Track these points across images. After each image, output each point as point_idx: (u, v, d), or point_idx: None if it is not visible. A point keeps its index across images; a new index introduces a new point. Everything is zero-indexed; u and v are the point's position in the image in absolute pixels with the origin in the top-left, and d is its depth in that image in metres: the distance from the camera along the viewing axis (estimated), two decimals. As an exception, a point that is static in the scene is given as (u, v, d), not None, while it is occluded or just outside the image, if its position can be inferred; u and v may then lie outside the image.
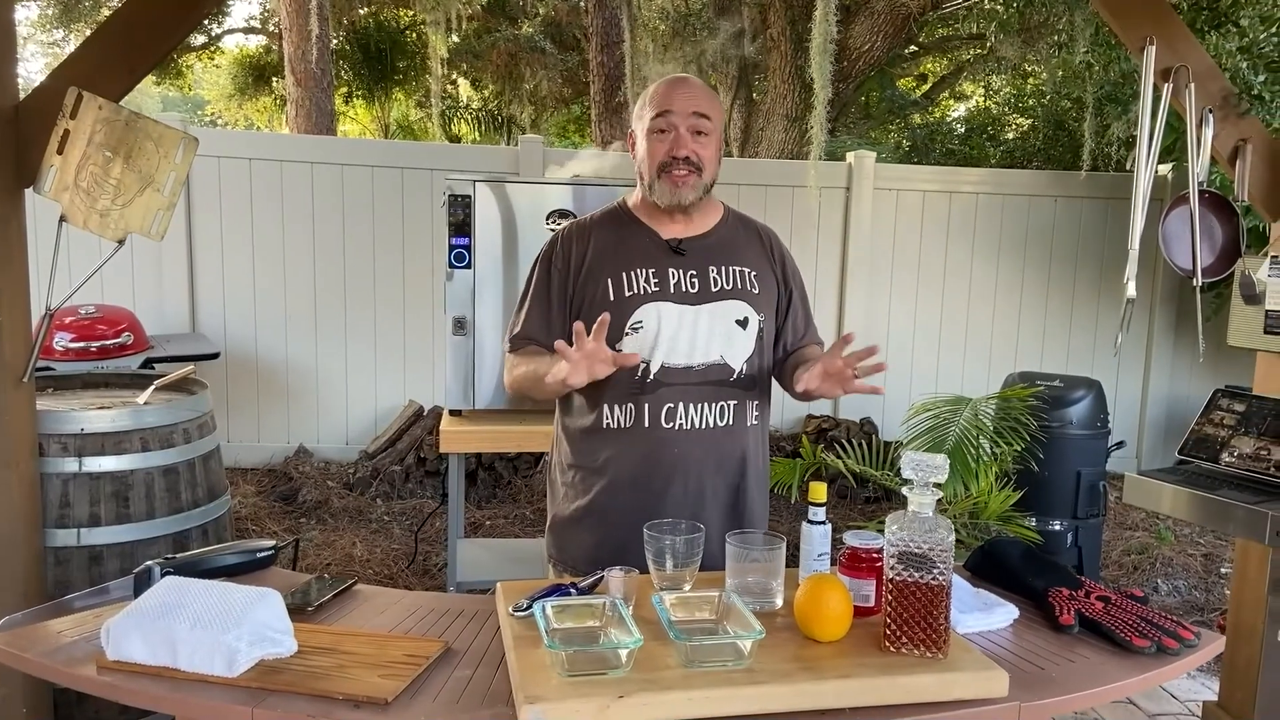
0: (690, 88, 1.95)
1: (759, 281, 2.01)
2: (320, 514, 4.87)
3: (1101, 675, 1.49)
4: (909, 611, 1.42)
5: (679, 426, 1.92)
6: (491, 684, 1.42)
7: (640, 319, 1.93)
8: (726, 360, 1.95)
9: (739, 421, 1.97)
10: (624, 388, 1.92)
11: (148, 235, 2.61)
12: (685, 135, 1.90)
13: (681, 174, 1.91)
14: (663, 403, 1.92)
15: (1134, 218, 2.89)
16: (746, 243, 2.06)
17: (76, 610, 1.66)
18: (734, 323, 1.96)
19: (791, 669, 1.39)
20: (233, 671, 1.38)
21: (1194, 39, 2.93)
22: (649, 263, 1.96)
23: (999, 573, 1.83)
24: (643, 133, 1.96)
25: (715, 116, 1.95)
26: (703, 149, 1.92)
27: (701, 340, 1.94)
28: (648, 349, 1.92)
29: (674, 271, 1.96)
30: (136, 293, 5.31)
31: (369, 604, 1.72)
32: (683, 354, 1.93)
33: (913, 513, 1.44)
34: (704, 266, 1.98)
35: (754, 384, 1.99)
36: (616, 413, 1.94)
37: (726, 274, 1.98)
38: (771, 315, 2.04)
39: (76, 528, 2.75)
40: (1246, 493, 2.50)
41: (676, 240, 1.98)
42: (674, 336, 1.92)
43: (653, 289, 1.94)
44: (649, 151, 1.94)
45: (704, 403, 1.93)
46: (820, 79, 4.82)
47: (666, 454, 1.92)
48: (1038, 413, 4.07)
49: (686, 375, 1.93)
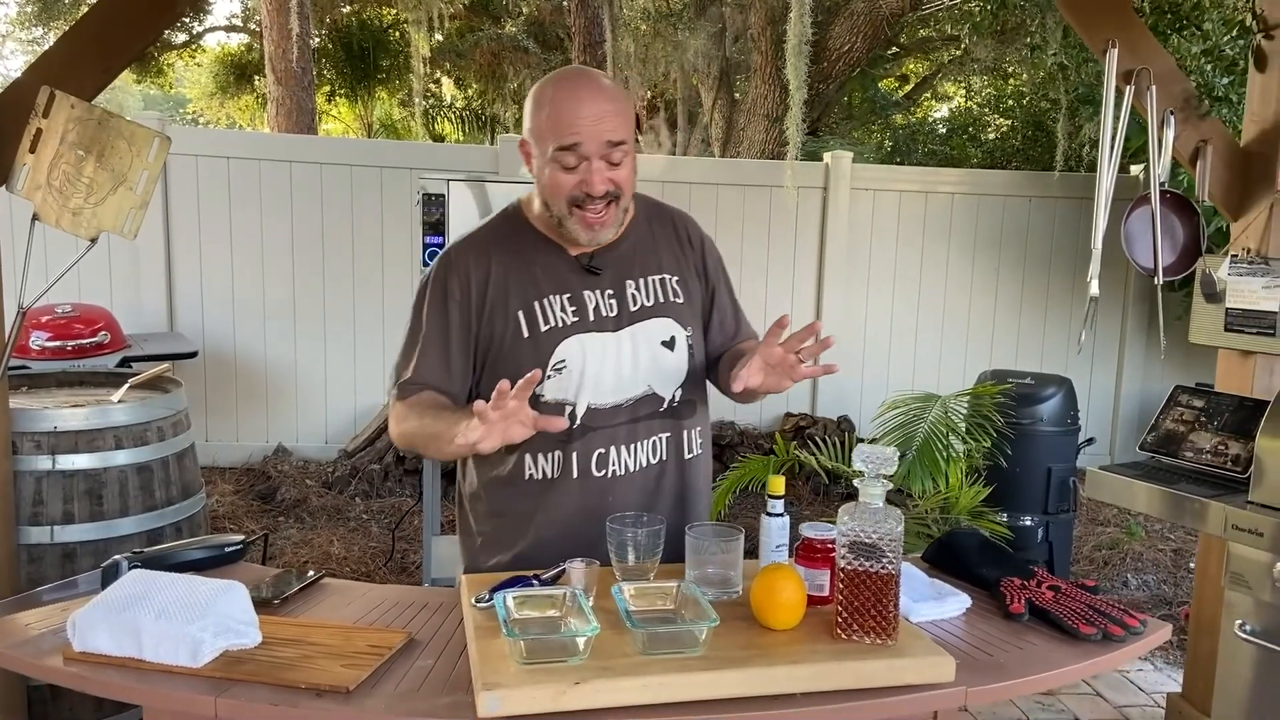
0: (597, 105, 1.63)
1: (681, 287, 1.82)
2: (298, 512, 4.88)
3: (1047, 661, 1.54)
4: (859, 600, 1.46)
5: (612, 474, 1.74)
6: (453, 673, 1.45)
7: (563, 357, 1.71)
8: (655, 390, 1.78)
9: (675, 455, 1.81)
10: (548, 436, 1.67)
11: (120, 234, 2.62)
12: (600, 167, 1.64)
13: (597, 212, 1.67)
14: (593, 449, 1.73)
15: (1097, 217, 2.95)
16: (662, 240, 1.85)
17: (45, 604, 1.68)
18: (660, 345, 1.77)
19: (745, 655, 1.43)
20: (197, 662, 1.41)
21: (1156, 42, 2.99)
22: (562, 287, 1.74)
23: (955, 564, 1.87)
24: (543, 158, 1.67)
25: (628, 131, 1.67)
26: (618, 174, 1.67)
27: (627, 372, 1.74)
28: (573, 390, 1.72)
29: (590, 295, 1.74)
30: (114, 292, 5.30)
31: (336, 597, 1.75)
32: (609, 391, 1.73)
33: (863, 504, 1.48)
34: (620, 283, 1.77)
35: (691, 410, 1.83)
36: (540, 462, 1.74)
37: (645, 288, 1.78)
38: (699, 322, 1.86)
39: (50, 525, 2.76)
40: (1205, 487, 2.55)
41: (588, 257, 1.76)
42: (599, 373, 1.72)
43: (571, 319, 1.72)
44: (554, 182, 1.67)
45: (636, 443, 1.76)
46: (795, 80, 4.86)
47: (601, 503, 1.72)
48: (1008, 410, 4.12)
49: (615, 415, 1.74)
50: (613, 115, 1.64)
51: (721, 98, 9.57)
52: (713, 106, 9.56)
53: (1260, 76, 2.95)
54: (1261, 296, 2.89)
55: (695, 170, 6.44)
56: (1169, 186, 3.01)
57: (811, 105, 8.37)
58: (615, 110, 1.65)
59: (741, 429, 5.88)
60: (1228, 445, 2.63)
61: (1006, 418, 4.07)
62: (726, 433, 5.76)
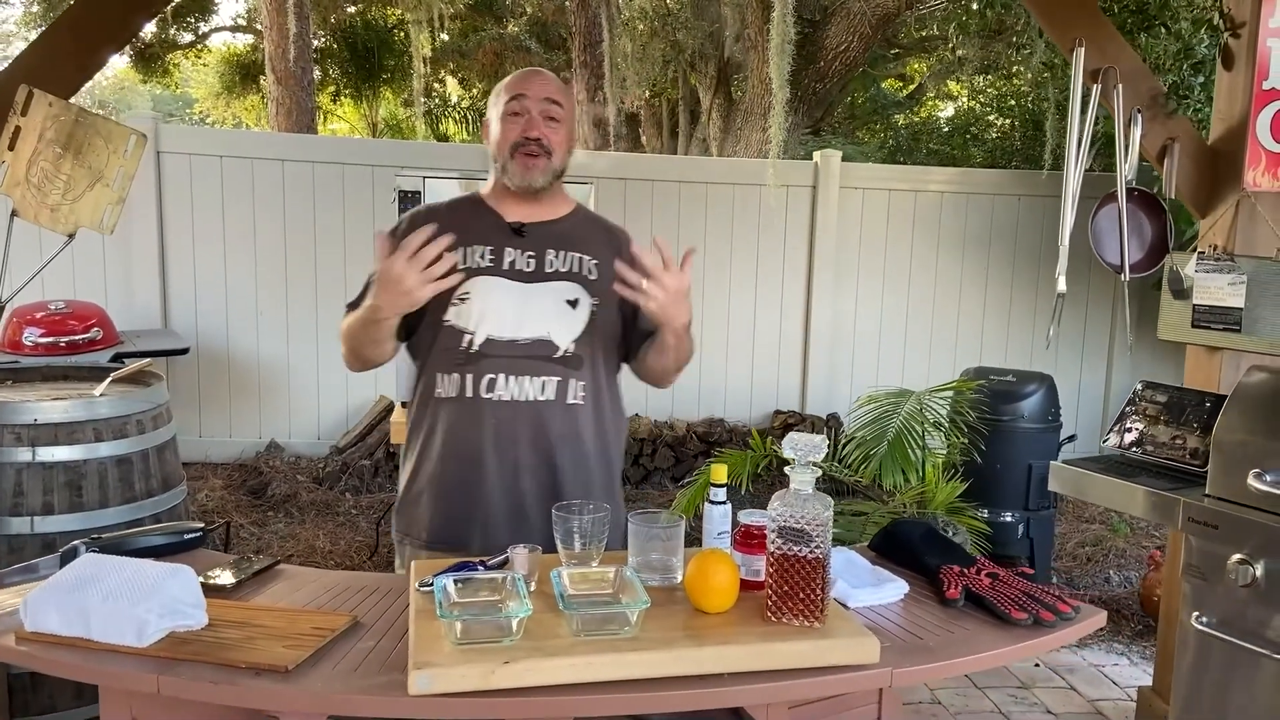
0: (544, 78, 2.04)
1: (599, 270, 2.04)
2: (288, 507, 4.94)
3: (976, 645, 1.57)
4: (789, 583, 1.50)
5: (499, 397, 1.95)
6: (392, 654, 1.50)
7: (468, 290, 1.97)
8: (552, 337, 1.99)
9: (560, 397, 1.98)
10: (450, 357, 1.97)
11: (97, 229, 2.68)
12: (537, 118, 1.98)
13: (533, 155, 1.98)
14: (484, 373, 1.95)
15: (1064, 215, 2.98)
16: (593, 237, 2.10)
17: (6, 586, 1.73)
18: (564, 302, 2.00)
19: (676, 637, 1.47)
20: (142, 642, 1.45)
21: (1123, 41, 3.01)
22: (487, 241, 2.02)
23: (900, 552, 1.91)
24: (496, 117, 2.02)
25: (567, 107, 2.04)
26: (553, 134, 1.99)
27: (529, 316, 1.97)
28: (472, 321, 1.96)
29: (510, 251, 2.02)
30: (108, 289, 5.37)
31: (289, 582, 1.79)
32: (509, 328, 1.96)
33: (794, 490, 1.51)
34: (542, 249, 2.03)
35: (581, 364, 2.01)
36: (445, 382, 1.99)
37: (564, 258, 2.03)
38: (614, 306, 2.04)
39: (30, 516, 2.81)
40: (1164, 480, 2.57)
41: (519, 223, 2.04)
42: (499, 310, 1.97)
43: (486, 264, 2.00)
44: (502, 134, 2.00)
45: (525, 376, 1.96)
46: (778, 79, 4.90)
47: (486, 424, 1.95)
48: (989, 406, 4.15)
49: (510, 349, 1.96)
50: (555, 87, 2.03)
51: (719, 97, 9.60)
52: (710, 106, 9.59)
53: (1227, 75, 2.97)
54: (1228, 293, 2.92)
55: (685, 169, 6.48)
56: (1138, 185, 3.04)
57: (811, 105, 8.40)
58: (559, 87, 2.05)
59: (731, 426, 5.92)
60: (1188, 440, 2.65)
61: (987, 414, 4.10)
62: (715, 430, 5.80)
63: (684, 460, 5.68)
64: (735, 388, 6.11)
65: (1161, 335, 3.06)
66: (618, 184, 5.88)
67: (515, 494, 1.95)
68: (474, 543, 1.94)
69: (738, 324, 6.06)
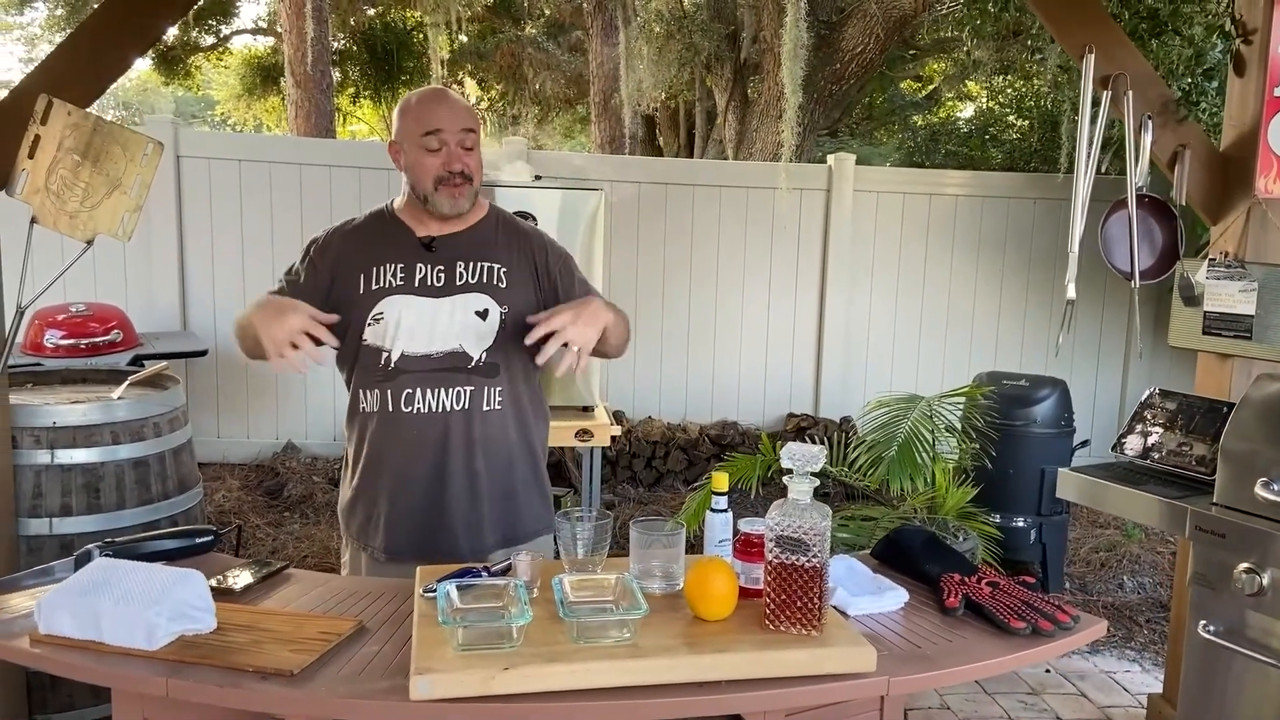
0: (454, 104, 2.09)
1: (509, 277, 2.12)
2: (303, 508, 4.98)
3: (974, 654, 1.58)
4: (787, 592, 1.51)
5: (416, 410, 2.04)
6: (395, 659, 1.52)
7: (381, 310, 2.07)
8: (464, 349, 2.07)
9: (475, 405, 2.07)
10: (371, 374, 2.08)
11: (115, 236, 2.72)
12: (457, 151, 2.05)
13: (458, 185, 2.06)
14: (403, 388, 2.05)
15: (1074, 222, 2.99)
16: (503, 242, 2.16)
17: (23, 589, 1.77)
18: (474, 314, 2.08)
19: (674, 644, 1.49)
20: (152, 645, 1.49)
21: (1133, 47, 3.01)
22: (399, 259, 2.11)
23: (902, 560, 1.92)
24: (412, 146, 2.08)
25: (478, 128, 2.11)
26: (471, 159, 2.07)
27: (441, 330, 2.06)
28: (388, 339, 2.06)
29: (421, 266, 2.10)
30: (128, 291, 5.43)
31: (296, 586, 1.82)
32: (422, 343, 2.05)
33: (792, 500, 1.53)
34: (452, 262, 2.10)
35: (496, 371, 2.09)
36: (368, 397, 2.10)
37: (473, 269, 2.11)
38: (528, 308, 2.09)
39: (49, 517, 2.86)
40: (1172, 488, 2.57)
41: (430, 238, 2.12)
42: (413, 327, 2.05)
43: (398, 283, 2.08)
44: (421, 166, 2.07)
45: (440, 388, 2.05)
46: (790, 84, 4.91)
47: (407, 436, 2.06)
48: (1002, 411, 4.15)
49: (425, 363, 2.05)
50: (465, 113, 2.09)
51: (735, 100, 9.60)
52: (726, 108, 9.59)
53: (1239, 81, 2.96)
54: (1239, 300, 2.91)
55: (699, 172, 6.50)
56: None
57: (828, 106, 8.40)
58: (466, 109, 2.10)
59: (744, 429, 5.93)
60: (1197, 448, 2.65)
61: (999, 419, 4.09)
62: (728, 433, 5.82)
63: (696, 463, 5.69)
64: (748, 390, 6.12)
65: (1172, 342, 3.05)
66: (631, 188, 5.91)
67: (439, 500, 2.06)
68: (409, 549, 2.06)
69: (751, 327, 6.08)
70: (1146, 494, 2.53)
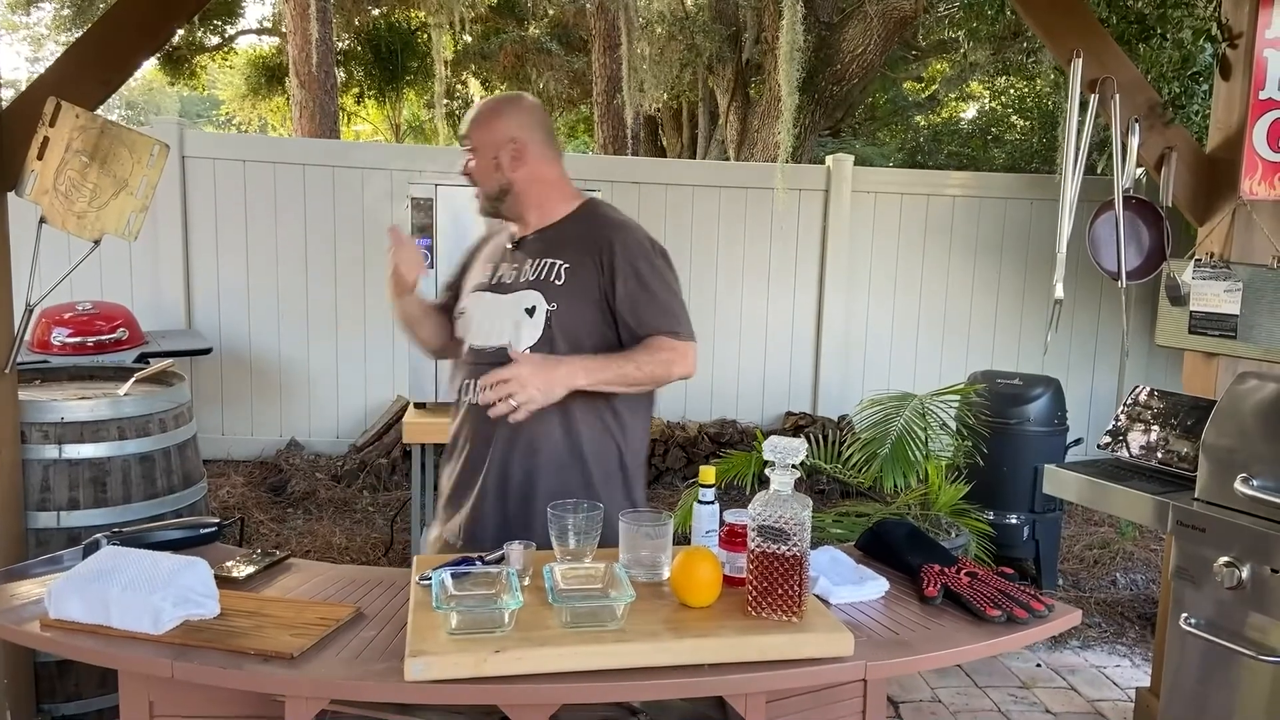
0: (470, 119, 2.22)
1: (567, 273, 2.11)
2: (307, 504, 5.05)
3: (950, 640, 1.64)
4: (769, 580, 1.57)
5: (471, 400, 2.13)
6: (392, 643, 1.58)
7: (464, 306, 2.24)
8: (509, 346, 2.07)
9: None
10: (457, 364, 2.25)
11: (122, 236, 2.78)
12: (463, 159, 2.21)
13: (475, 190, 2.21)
14: (465, 378, 2.17)
15: (1061, 223, 3.03)
16: (576, 238, 2.16)
17: (33, 576, 1.83)
18: (523, 311, 2.11)
19: (659, 630, 1.55)
20: (158, 629, 1.55)
21: (1120, 51, 3.06)
22: (493, 258, 2.26)
23: (884, 551, 1.98)
24: None
25: (475, 137, 2.18)
26: (474, 167, 2.19)
27: (495, 326, 2.14)
28: (464, 332, 2.21)
29: (503, 266, 2.21)
30: (134, 290, 5.50)
31: (297, 575, 1.88)
32: (482, 338, 2.16)
33: (774, 491, 1.59)
34: (524, 261, 2.17)
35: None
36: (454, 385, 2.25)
37: (538, 267, 2.14)
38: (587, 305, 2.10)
39: (56, 511, 2.93)
40: (1155, 484, 2.63)
41: (519, 238, 2.22)
42: (477, 323, 2.18)
43: (482, 280, 2.23)
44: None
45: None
46: (787, 86, 4.96)
47: (465, 424, 2.17)
48: (996, 409, 4.20)
49: (479, 357, 2.15)
50: (468, 125, 2.21)
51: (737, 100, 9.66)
52: (728, 109, 9.64)
53: (1225, 84, 3.01)
54: (1224, 300, 2.97)
55: (698, 173, 6.55)
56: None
57: (829, 107, 8.45)
58: (470, 121, 2.21)
59: (743, 427, 5.98)
60: (1180, 444, 2.70)
61: (993, 417, 4.14)
62: (727, 431, 5.87)
63: (695, 460, 5.75)
64: (747, 389, 6.18)
65: (1159, 341, 3.10)
66: (632, 188, 5.96)
67: (480, 490, 2.11)
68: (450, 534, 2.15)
69: (750, 326, 6.13)
70: (1130, 490, 2.58)
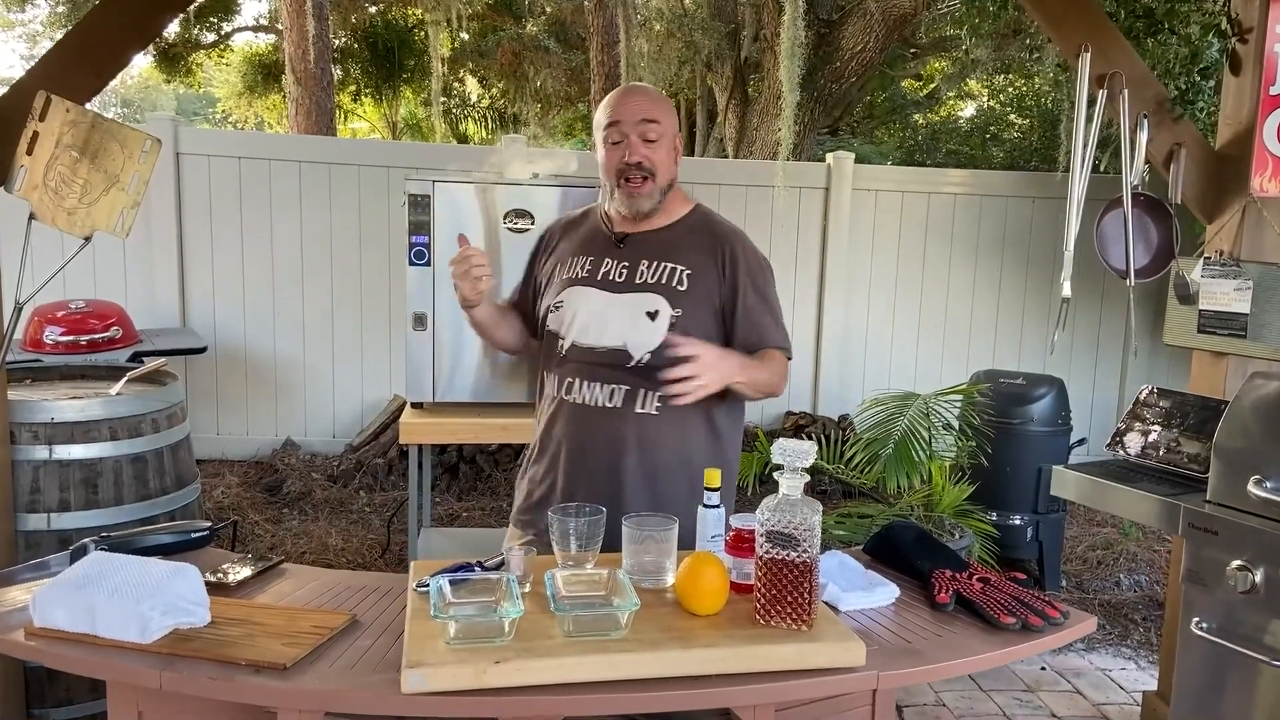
0: (639, 96, 2.10)
1: (690, 280, 2.07)
2: (302, 505, 4.99)
3: (963, 649, 1.59)
4: (777, 587, 1.52)
5: (573, 400, 2.07)
6: (388, 653, 1.53)
7: (563, 299, 2.12)
8: (627, 347, 2.04)
9: (628, 406, 2.04)
10: (550, 358, 2.14)
11: (113, 233, 2.72)
12: (636, 142, 2.04)
13: (635, 183, 2.05)
14: (567, 376, 2.09)
15: (1069, 220, 2.99)
16: (695, 243, 2.12)
17: (19, 583, 1.78)
18: (644, 314, 2.05)
19: (664, 639, 1.50)
20: (146, 638, 1.50)
21: (1129, 47, 3.01)
22: (592, 252, 2.15)
23: (893, 555, 1.93)
24: (600, 141, 2.10)
25: (665, 121, 2.07)
26: (654, 153, 2.05)
27: (610, 326, 2.05)
28: (564, 327, 2.11)
29: (609, 261, 2.12)
30: (128, 288, 5.44)
31: (292, 581, 1.83)
32: (591, 336, 2.07)
33: (784, 496, 1.54)
34: (636, 260, 2.09)
35: (655, 373, 2.00)
36: (547, 381, 2.16)
37: (655, 269, 2.08)
38: (707, 315, 2.08)
39: (47, 513, 2.87)
40: (1166, 485, 2.58)
41: (623, 234, 2.13)
42: (585, 319, 2.08)
43: (584, 274, 2.12)
44: (606, 160, 2.09)
45: (597, 383, 2.05)
46: (788, 83, 4.91)
47: (560, 424, 2.09)
48: (999, 409, 4.15)
49: (588, 355, 2.07)
50: (650, 103, 2.08)
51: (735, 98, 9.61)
52: (727, 106, 9.60)
53: (1234, 80, 2.97)
54: (1234, 298, 2.92)
55: (698, 170, 6.50)
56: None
57: (828, 104, 8.40)
58: (654, 102, 2.10)
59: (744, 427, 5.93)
60: (1190, 445, 2.66)
61: (996, 417, 4.09)
62: (727, 430, 5.82)
63: (695, 461, 5.70)
64: (747, 389, 6.12)
65: (1167, 340, 3.06)
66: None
67: (578, 496, 1.98)
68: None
69: (750, 325, 6.07)
70: (1140, 492, 2.54)
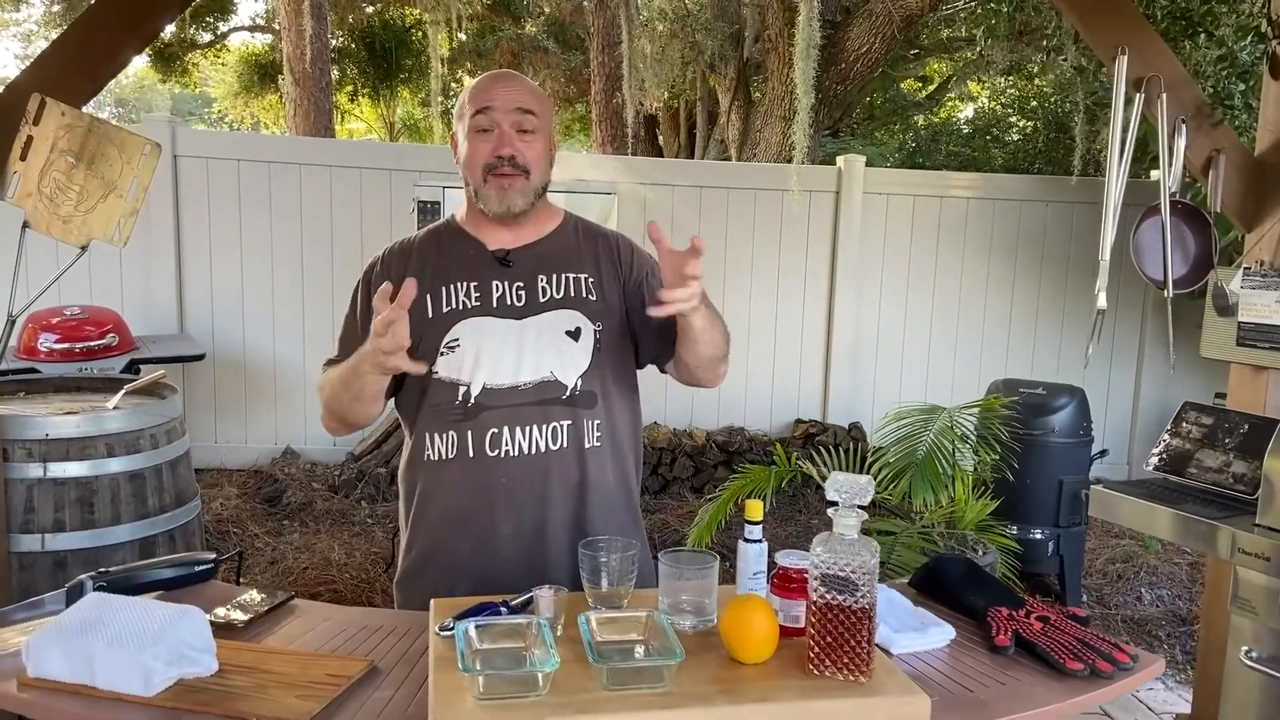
0: (515, 82, 1.82)
1: (598, 289, 1.85)
2: (303, 516, 4.87)
3: (1031, 698, 1.48)
4: (832, 635, 1.41)
5: (505, 453, 1.76)
6: (410, 706, 1.42)
7: (456, 336, 1.78)
8: (557, 376, 1.79)
9: (574, 443, 1.80)
10: (444, 414, 1.78)
11: (110, 241, 2.61)
12: (509, 133, 1.77)
13: (508, 176, 1.77)
14: (486, 428, 1.76)
15: (1105, 228, 2.88)
16: (586, 249, 1.90)
17: (11, 623, 1.66)
18: (564, 334, 1.80)
19: (711, 692, 1.38)
20: (149, 691, 1.38)
21: (1166, 49, 2.90)
22: (470, 275, 1.82)
23: (942, 591, 1.82)
24: (463, 134, 1.82)
25: (541, 113, 1.81)
26: (528, 148, 1.78)
27: (529, 356, 1.78)
28: (467, 370, 1.77)
29: (498, 284, 1.82)
30: (124, 294, 5.32)
31: (302, 619, 1.71)
32: (507, 373, 1.77)
33: (838, 534, 1.42)
34: (533, 277, 1.82)
35: (592, 401, 1.82)
36: (437, 443, 1.79)
37: (558, 282, 1.83)
38: (617, 322, 1.86)
39: (41, 533, 2.76)
40: (1212, 508, 2.47)
41: (504, 251, 1.84)
42: (497, 354, 1.77)
43: (473, 304, 1.80)
44: (471, 153, 1.79)
45: (532, 425, 1.77)
46: (803, 85, 4.80)
47: (494, 485, 1.76)
48: (1019, 421, 4.04)
49: (512, 396, 1.77)
50: (525, 93, 1.81)
51: (738, 99, 9.50)
52: (729, 108, 9.49)
53: (1275, 84, 2.86)
54: (1275, 310, 2.81)
55: (706, 174, 6.39)
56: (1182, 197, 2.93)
57: (830, 106, 8.29)
58: (530, 91, 1.82)
59: (751, 435, 5.83)
60: (1236, 465, 2.55)
61: (1016, 429, 3.99)
62: (735, 439, 5.71)
63: (703, 470, 5.59)
64: (755, 396, 6.02)
65: (1204, 353, 2.95)
66: (638, 189, 5.80)
67: (540, 557, 1.76)
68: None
69: (759, 331, 5.97)
70: (1186, 514, 2.43)
